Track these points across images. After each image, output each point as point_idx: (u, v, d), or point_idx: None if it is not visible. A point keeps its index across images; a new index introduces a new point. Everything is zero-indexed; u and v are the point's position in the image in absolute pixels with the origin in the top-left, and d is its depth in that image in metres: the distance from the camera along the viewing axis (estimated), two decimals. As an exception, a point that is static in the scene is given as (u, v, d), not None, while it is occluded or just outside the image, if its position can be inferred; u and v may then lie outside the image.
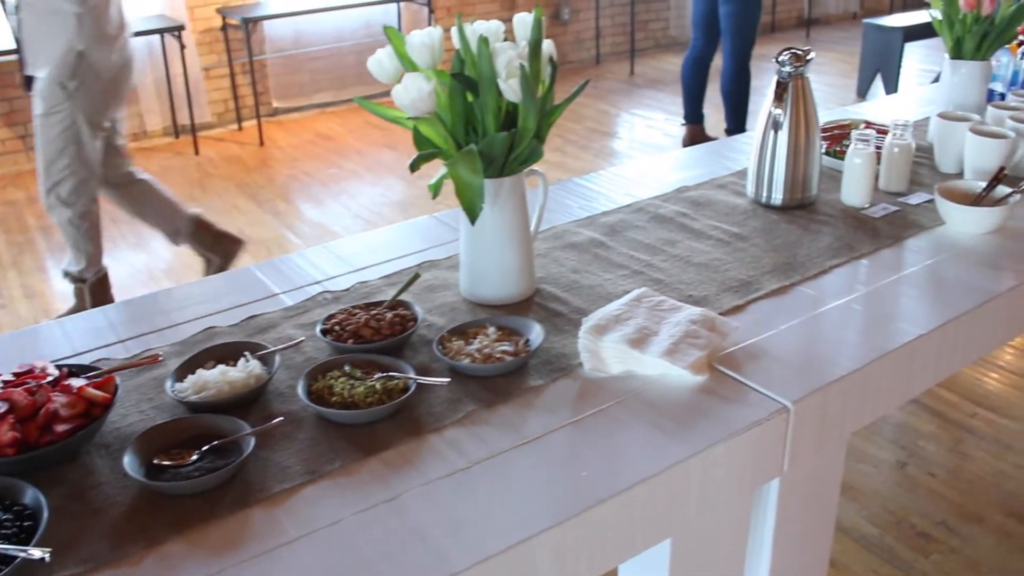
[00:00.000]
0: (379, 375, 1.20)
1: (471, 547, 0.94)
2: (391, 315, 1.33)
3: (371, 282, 1.53)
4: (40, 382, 1.11)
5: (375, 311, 1.35)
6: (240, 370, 1.21)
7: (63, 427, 1.07)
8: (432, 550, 0.94)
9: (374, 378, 1.19)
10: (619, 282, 1.50)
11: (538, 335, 1.29)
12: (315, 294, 1.50)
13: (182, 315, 1.46)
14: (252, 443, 1.07)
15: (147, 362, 1.28)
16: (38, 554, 0.90)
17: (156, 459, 1.06)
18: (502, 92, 1.29)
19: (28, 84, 3.07)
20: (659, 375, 1.23)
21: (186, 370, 1.23)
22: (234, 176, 5.06)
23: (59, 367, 1.18)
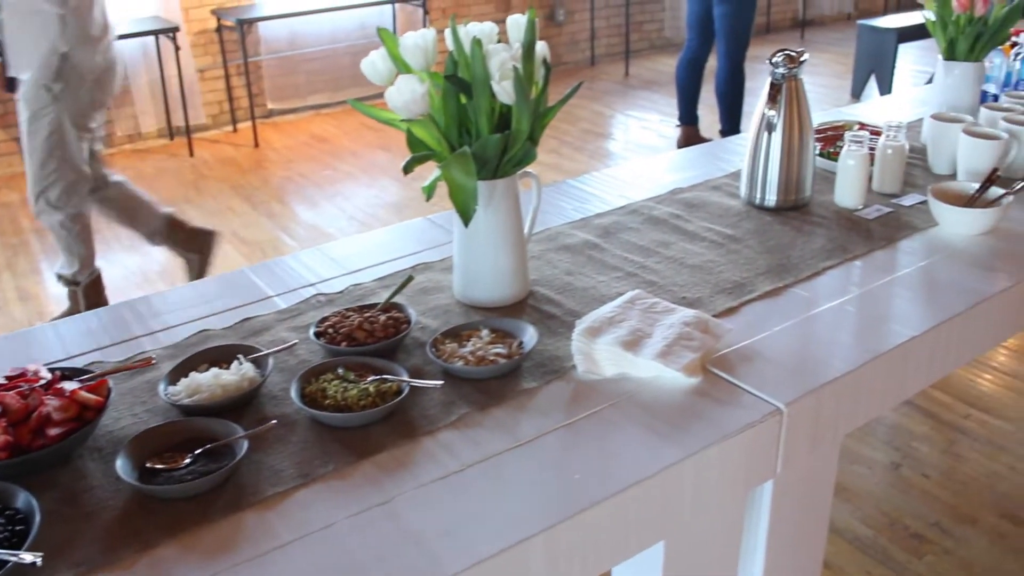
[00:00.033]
0: (372, 378, 1.19)
1: (464, 550, 0.94)
2: (384, 318, 1.33)
3: (365, 284, 1.53)
4: (33, 385, 1.11)
5: (368, 314, 1.35)
6: (233, 373, 1.20)
7: (55, 431, 1.07)
8: (425, 553, 0.94)
9: (367, 381, 1.19)
10: (613, 284, 1.50)
11: (531, 337, 1.29)
12: (309, 296, 1.50)
13: (175, 318, 1.46)
14: (245, 446, 1.07)
15: (140, 365, 1.28)
16: (29, 558, 0.89)
17: (149, 462, 1.06)
18: (495, 94, 1.29)
19: (10, 86, 3.05)
20: (652, 377, 1.23)
21: (179, 373, 1.23)
22: (229, 178, 5.06)
23: (52, 370, 1.18)
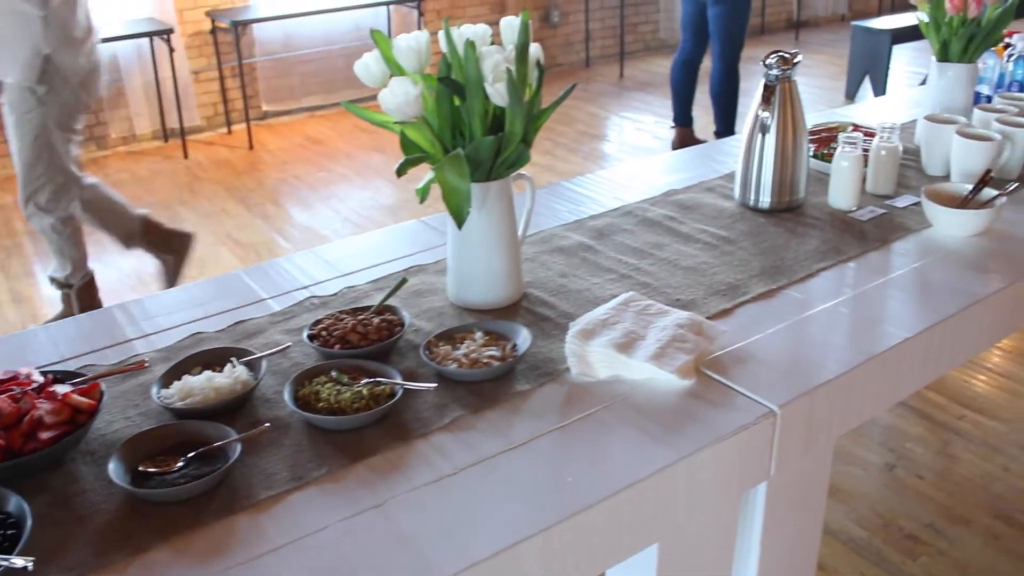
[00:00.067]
0: (366, 380, 1.19)
1: (458, 553, 0.94)
2: (378, 320, 1.33)
3: (358, 287, 1.53)
4: (25, 389, 1.11)
5: (362, 316, 1.34)
6: (226, 376, 1.20)
7: (48, 434, 1.06)
8: (419, 556, 0.94)
9: (361, 384, 1.18)
10: (607, 286, 1.50)
11: (525, 340, 1.29)
12: (302, 299, 1.50)
13: (168, 320, 1.46)
14: (238, 449, 1.07)
15: (133, 368, 1.28)
16: (21, 563, 0.89)
17: (141, 466, 1.06)
18: (489, 96, 1.29)
19: None
20: (646, 379, 1.23)
21: (172, 376, 1.22)
22: (223, 180, 5.05)
23: (44, 373, 1.18)
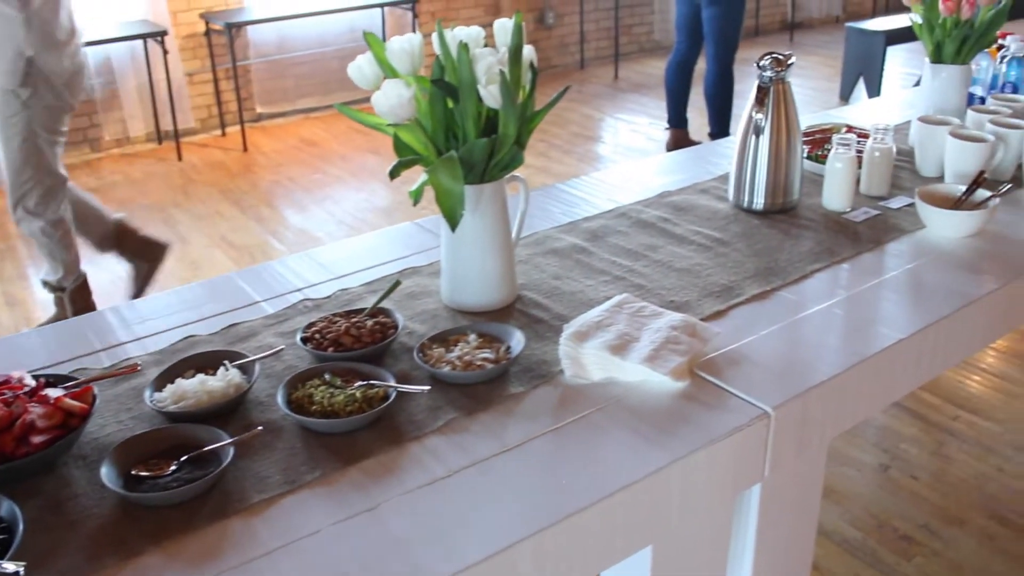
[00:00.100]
0: (359, 383, 1.19)
1: (451, 556, 0.94)
2: (371, 323, 1.33)
3: (352, 289, 1.53)
4: (16, 392, 1.10)
5: (355, 319, 1.34)
6: (219, 379, 1.20)
7: (40, 438, 1.06)
8: (412, 560, 0.93)
9: (354, 386, 1.18)
10: (600, 288, 1.50)
11: (519, 342, 1.29)
12: (296, 302, 1.50)
13: (161, 323, 1.45)
14: (231, 453, 1.06)
15: (125, 371, 1.27)
16: (12, 568, 0.88)
17: (134, 470, 1.05)
18: (482, 98, 1.28)
19: None
20: (640, 381, 1.23)
21: (165, 379, 1.22)
22: (217, 182, 5.04)
23: (36, 377, 1.17)
